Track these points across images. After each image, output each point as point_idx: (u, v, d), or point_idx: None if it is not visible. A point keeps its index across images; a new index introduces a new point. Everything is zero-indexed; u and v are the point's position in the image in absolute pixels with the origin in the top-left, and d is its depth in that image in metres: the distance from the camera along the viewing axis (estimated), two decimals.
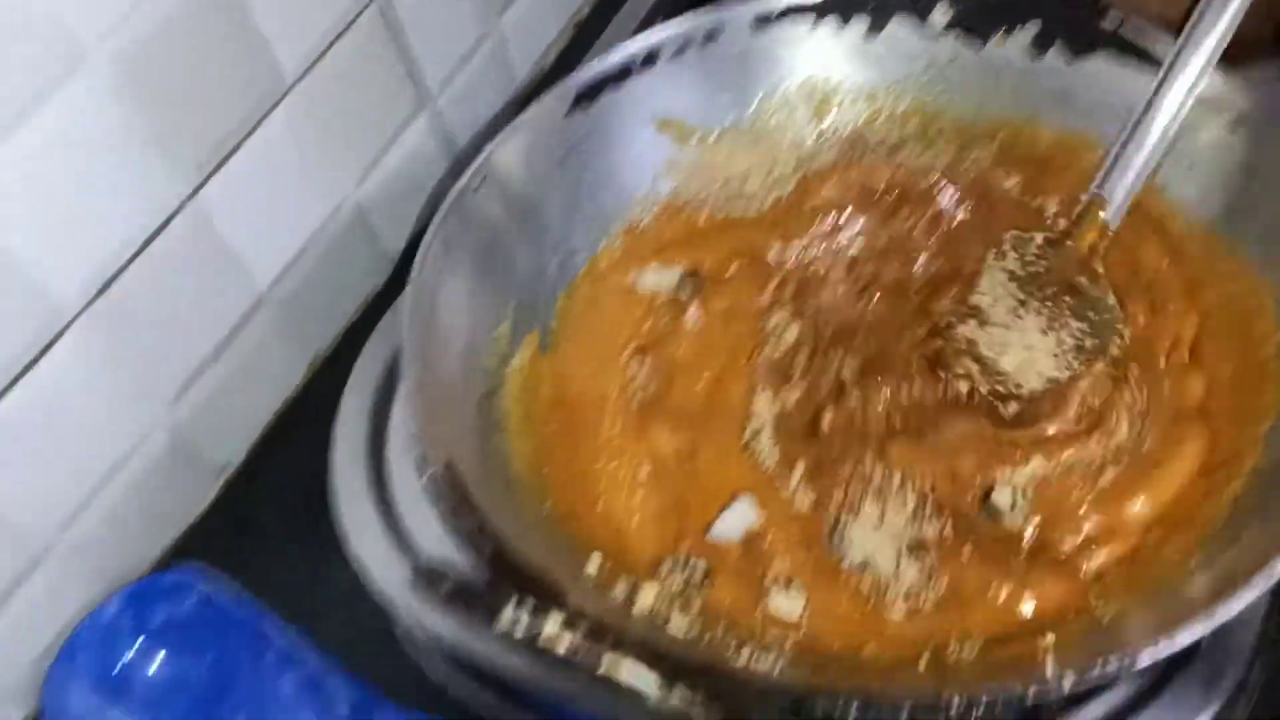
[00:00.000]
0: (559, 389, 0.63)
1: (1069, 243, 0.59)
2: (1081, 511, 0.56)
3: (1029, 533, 0.57)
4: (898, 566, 0.55)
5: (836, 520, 0.58)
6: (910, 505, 0.58)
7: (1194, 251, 0.61)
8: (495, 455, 0.58)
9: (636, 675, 0.39)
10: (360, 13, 0.72)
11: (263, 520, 0.72)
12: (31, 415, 0.59)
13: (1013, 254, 0.60)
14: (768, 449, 0.62)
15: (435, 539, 0.59)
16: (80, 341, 0.61)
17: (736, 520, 0.59)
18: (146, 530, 0.69)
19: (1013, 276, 0.60)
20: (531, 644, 0.39)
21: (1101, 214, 0.59)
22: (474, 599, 0.40)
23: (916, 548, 0.56)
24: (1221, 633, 0.51)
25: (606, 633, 0.39)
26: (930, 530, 0.57)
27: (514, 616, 0.39)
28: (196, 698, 0.60)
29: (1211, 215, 0.61)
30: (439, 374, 0.58)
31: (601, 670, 0.39)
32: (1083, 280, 0.59)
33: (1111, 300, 0.59)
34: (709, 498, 0.60)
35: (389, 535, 0.62)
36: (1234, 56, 0.58)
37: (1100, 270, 0.59)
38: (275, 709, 0.60)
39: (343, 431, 0.66)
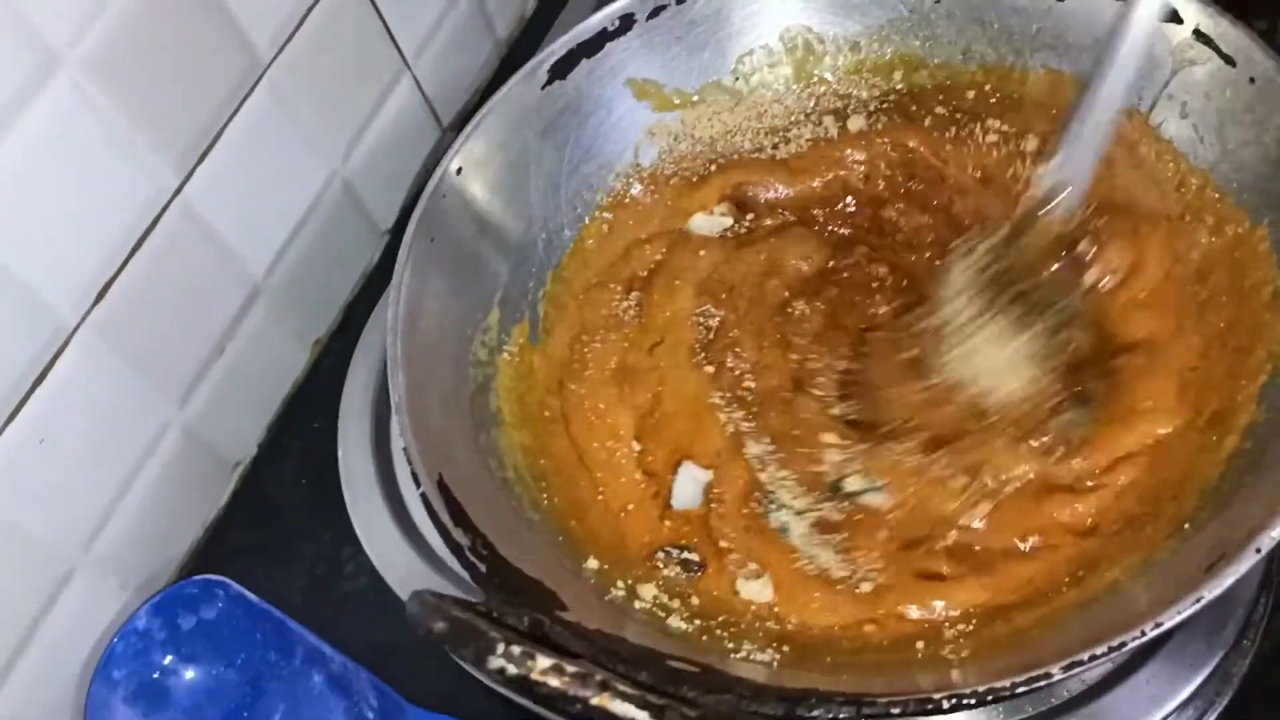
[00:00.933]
0: (552, 374, 0.64)
1: (1030, 237, 0.58)
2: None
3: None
4: (812, 544, 0.57)
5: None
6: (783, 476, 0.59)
7: (1189, 196, 0.60)
8: (491, 453, 0.59)
9: (627, 710, 0.40)
10: None
11: (282, 514, 0.74)
12: (46, 430, 0.60)
13: (967, 259, 0.59)
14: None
15: None
16: (84, 351, 0.62)
17: (689, 484, 0.60)
18: (169, 533, 0.71)
19: (973, 280, 0.58)
20: (523, 681, 0.41)
21: (1059, 199, 0.57)
22: (465, 639, 0.41)
23: (825, 527, 0.57)
24: None
25: (596, 671, 0.41)
26: (832, 511, 0.58)
27: (503, 660, 0.40)
28: (233, 698, 0.63)
29: (1206, 159, 0.60)
30: (429, 377, 0.58)
31: (594, 702, 0.41)
32: (1051, 270, 0.58)
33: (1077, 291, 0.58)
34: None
35: (400, 529, 0.64)
36: None
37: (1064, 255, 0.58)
38: (308, 704, 0.63)
39: (346, 430, 0.68)
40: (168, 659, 0.64)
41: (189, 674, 0.64)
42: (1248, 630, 0.55)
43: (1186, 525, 0.51)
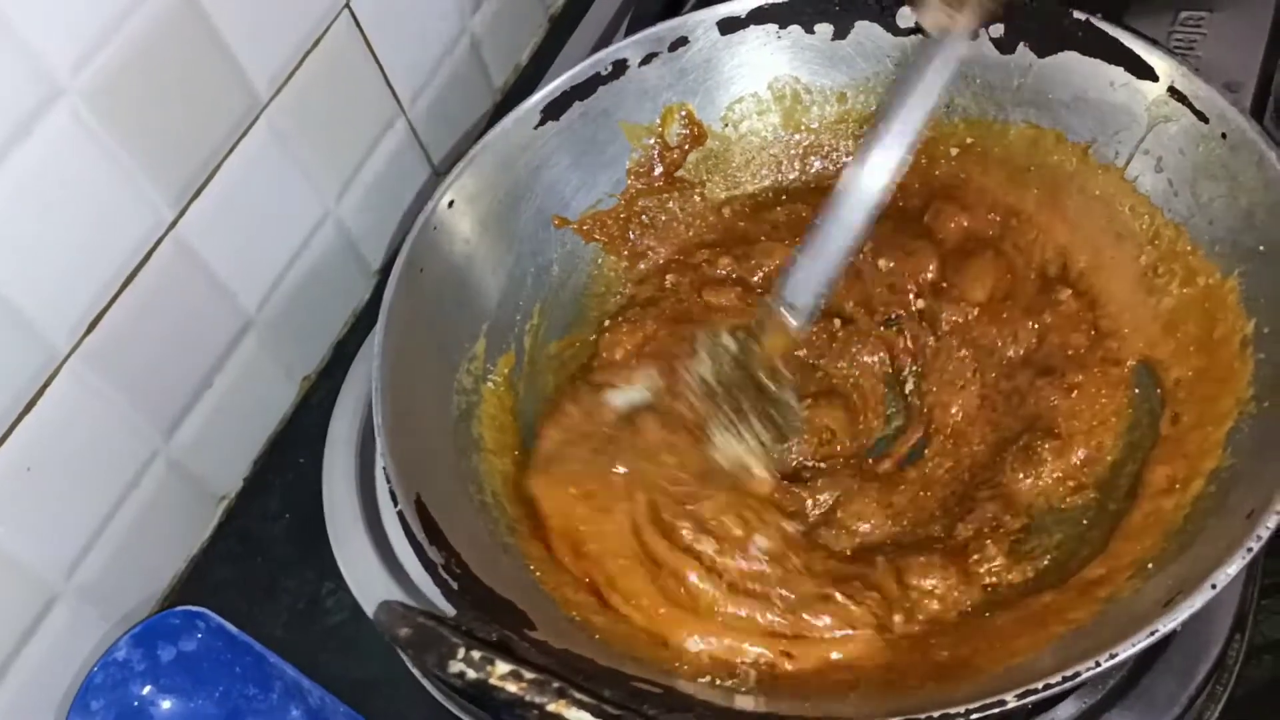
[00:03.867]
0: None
1: (755, 347, 0.63)
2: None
3: None
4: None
5: None
6: None
7: (1162, 248, 0.64)
8: (472, 478, 0.63)
9: (582, 718, 0.43)
10: (330, 24, 0.76)
11: (265, 548, 0.77)
12: (34, 457, 0.63)
13: (705, 355, 0.63)
14: None
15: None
16: (75, 380, 0.65)
17: None
18: (152, 565, 0.74)
19: (704, 381, 0.63)
20: (482, 685, 0.44)
21: (788, 321, 0.62)
22: (429, 644, 0.44)
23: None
24: (1198, 620, 0.55)
25: (553, 679, 0.44)
26: None
27: (462, 665, 0.43)
28: None
29: (1180, 213, 0.64)
30: (413, 401, 0.62)
31: (550, 709, 0.44)
32: (767, 381, 0.62)
33: (795, 403, 0.63)
34: None
35: (382, 562, 0.66)
36: None
37: (786, 373, 0.63)
38: None
39: (332, 461, 0.71)
40: (146, 690, 0.66)
41: (167, 705, 0.66)
42: (1220, 674, 0.58)
43: (1150, 565, 0.54)
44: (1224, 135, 0.61)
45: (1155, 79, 0.64)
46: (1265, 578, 0.61)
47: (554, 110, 0.71)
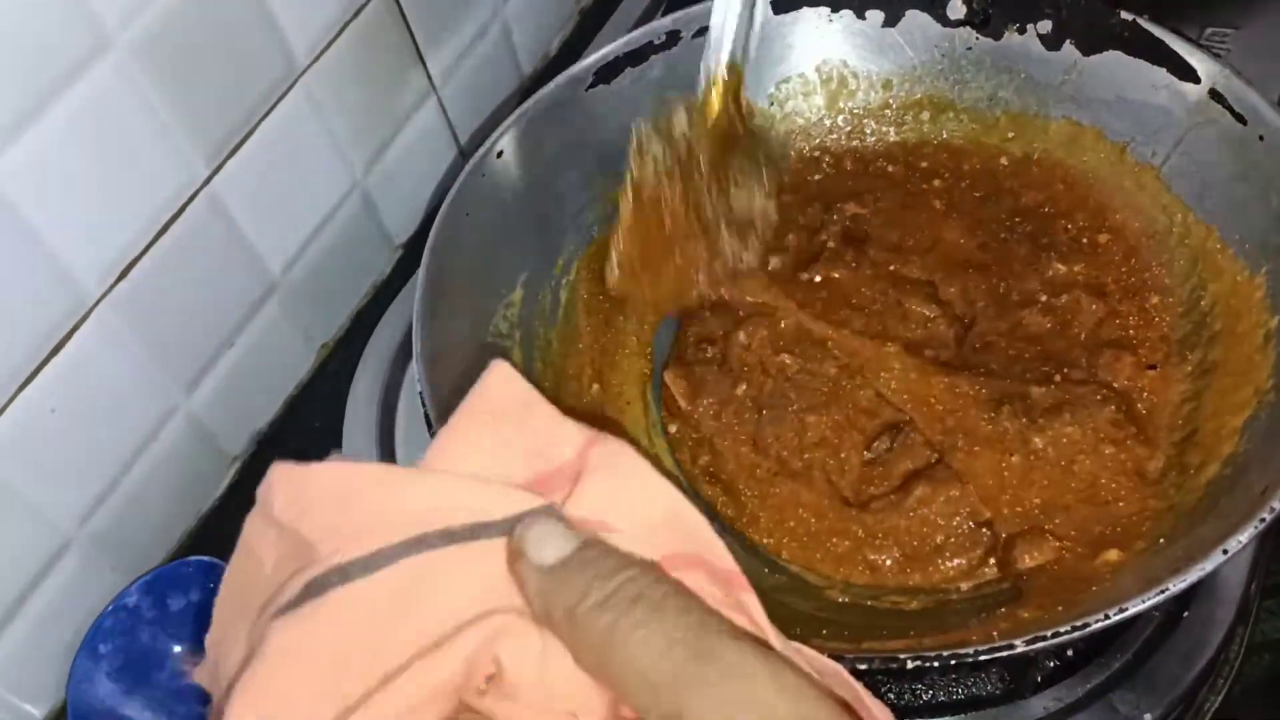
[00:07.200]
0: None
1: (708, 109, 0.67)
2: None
3: None
4: None
5: None
6: None
7: (1193, 245, 0.69)
8: None
9: None
10: None
11: None
12: (57, 400, 0.68)
13: (655, 146, 0.67)
14: None
15: None
16: (102, 326, 0.69)
17: None
18: (164, 517, 0.79)
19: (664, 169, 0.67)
20: None
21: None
22: None
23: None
24: (1203, 606, 0.63)
25: None
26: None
27: None
28: None
29: (1213, 212, 0.70)
30: (450, 336, 0.68)
31: None
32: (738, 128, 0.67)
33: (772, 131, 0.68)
34: None
35: None
36: None
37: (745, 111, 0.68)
38: None
39: (353, 418, 0.78)
40: (155, 637, 0.71)
41: (174, 653, 0.70)
42: (1222, 665, 0.64)
43: (1162, 540, 0.60)
44: (1261, 138, 0.67)
45: (1197, 80, 0.70)
46: (1267, 578, 0.66)
47: (606, 74, 0.78)
